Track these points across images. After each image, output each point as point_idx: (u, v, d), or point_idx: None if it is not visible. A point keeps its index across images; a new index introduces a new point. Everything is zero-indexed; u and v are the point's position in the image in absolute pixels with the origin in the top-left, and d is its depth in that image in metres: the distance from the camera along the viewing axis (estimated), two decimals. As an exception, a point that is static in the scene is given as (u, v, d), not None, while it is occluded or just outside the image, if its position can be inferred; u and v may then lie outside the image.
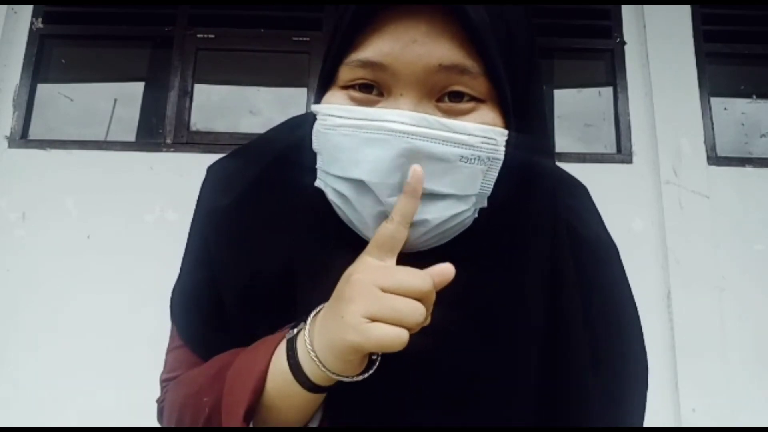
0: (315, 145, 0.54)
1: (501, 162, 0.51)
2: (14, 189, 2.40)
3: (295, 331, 0.53)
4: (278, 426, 0.54)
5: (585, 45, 2.69)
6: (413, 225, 0.49)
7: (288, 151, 0.61)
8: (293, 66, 2.64)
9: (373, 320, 0.46)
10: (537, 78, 0.56)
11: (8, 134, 2.48)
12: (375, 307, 0.46)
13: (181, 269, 0.69)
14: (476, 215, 0.53)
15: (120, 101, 2.64)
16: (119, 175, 2.41)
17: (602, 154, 2.55)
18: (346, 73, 0.52)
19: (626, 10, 2.66)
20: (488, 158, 0.50)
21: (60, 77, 2.68)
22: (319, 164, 0.55)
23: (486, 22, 0.49)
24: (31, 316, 2.27)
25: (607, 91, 2.66)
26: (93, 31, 2.67)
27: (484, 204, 0.53)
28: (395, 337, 0.46)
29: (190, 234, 0.68)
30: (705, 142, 2.47)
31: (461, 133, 0.49)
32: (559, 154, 2.53)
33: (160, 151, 2.48)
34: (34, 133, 2.54)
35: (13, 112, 2.51)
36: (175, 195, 2.40)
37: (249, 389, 0.52)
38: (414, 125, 0.48)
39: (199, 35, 2.63)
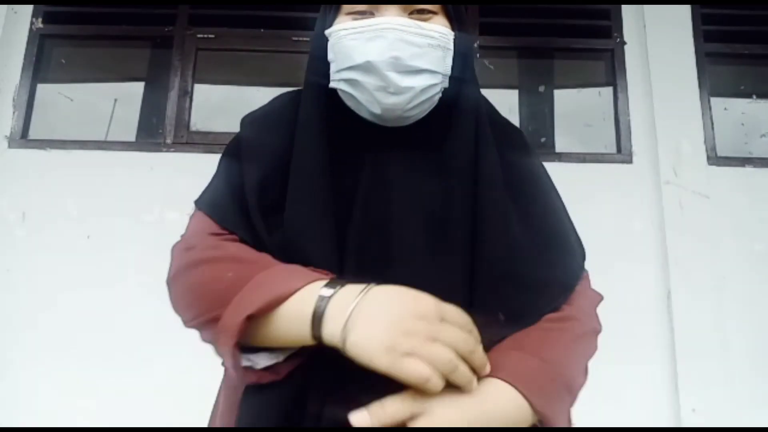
0: (330, 56, 0.76)
1: (452, 52, 0.76)
2: (14, 189, 2.40)
3: (332, 292, 0.62)
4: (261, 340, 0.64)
5: (585, 45, 2.69)
6: (404, 92, 0.72)
7: (294, 95, 0.85)
8: (293, 66, 2.64)
9: (411, 355, 0.58)
10: (463, 5, 0.81)
11: (8, 134, 2.48)
12: (422, 350, 0.58)
13: (216, 176, 0.85)
14: (441, 94, 0.77)
15: (120, 101, 2.64)
16: (119, 175, 2.41)
17: (602, 154, 2.55)
18: (349, 6, 0.76)
19: (626, 10, 2.66)
20: (445, 47, 0.75)
21: (60, 77, 2.68)
22: (333, 70, 0.76)
23: None
24: (31, 316, 2.27)
25: (607, 91, 2.66)
26: (93, 31, 2.67)
27: (446, 84, 0.77)
28: (422, 375, 0.57)
29: (223, 154, 0.86)
30: (705, 142, 2.47)
31: (427, 29, 0.74)
32: (559, 154, 2.53)
33: (160, 151, 2.48)
34: (34, 133, 2.54)
35: (13, 112, 2.51)
36: (175, 195, 2.40)
37: (264, 300, 0.62)
38: (399, 24, 0.72)
39: (199, 35, 2.63)
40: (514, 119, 2.65)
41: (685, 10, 2.61)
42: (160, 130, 2.55)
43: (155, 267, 2.56)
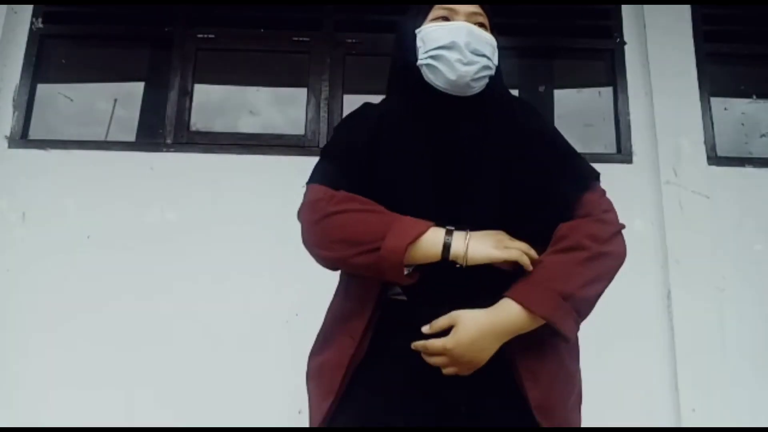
0: (419, 44, 1.10)
1: (496, 51, 1.12)
2: (14, 189, 2.40)
3: (452, 231, 0.97)
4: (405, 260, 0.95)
5: (585, 45, 2.69)
6: (473, 64, 1.06)
7: (385, 100, 1.20)
8: (293, 66, 2.64)
9: (509, 248, 0.97)
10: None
11: (8, 134, 2.48)
12: (510, 243, 0.98)
13: (318, 162, 1.13)
14: (488, 80, 1.10)
15: (120, 101, 2.64)
16: (119, 175, 2.41)
17: (602, 154, 2.55)
18: (433, 13, 1.12)
19: (626, 10, 2.66)
20: (494, 47, 1.11)
21: (60, 77, 2.68)
22: (421, 52, 1.09)
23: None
24: (31, 316, 2.27)
25: (607, 91, 2.66)
26: (93, 31, 2.67)
27: (493, 72, 1.11)
28: (518, 256, 0.96)
29: (341, 124, 1.19)
30: (705, 142, 2.47)
31: (486, 33, 1.11)
32: (559, 154, 2.53)
33: (160, 151, 2.48)
34: (34, 133, 2.54)
35: (13, 112, 2.51)
36: (175, 195, 2.40)
37: (414, 235, 0.95)
38: (470, 25, 1.09)
39: (199, 35, 2.63)
40: (514, 119, 2.66)
41: (685, 10, 2.61)
42: (160, 130, 2.55)
43: (156, 266, 2.56)
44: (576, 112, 2.68)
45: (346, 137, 1.12)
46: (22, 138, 2.50)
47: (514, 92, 2.72)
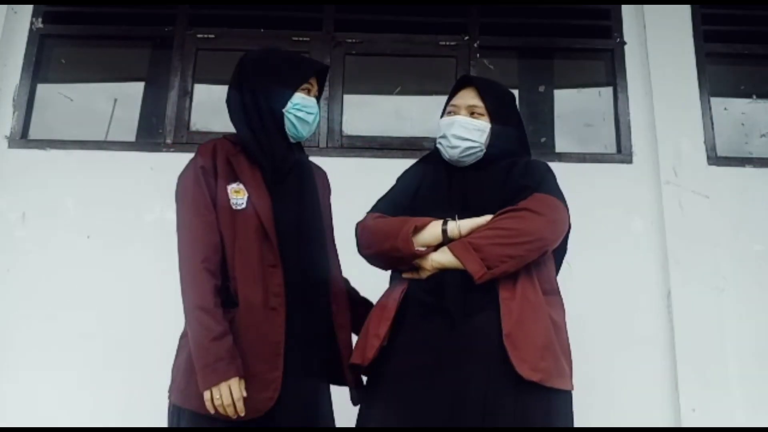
0: (438, 132, 1.56)
1: (485, 133, 1.52)
2: (14, 189, 2.40)
3: (449, 220, 1.42)
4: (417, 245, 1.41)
5: (585, 45, 2.69)
6: (456, 147, 1.51)
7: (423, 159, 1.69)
8: (293, 66, 2.64)
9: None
10: (515, 111, 1.62)
11: (8, 134, 2.49)
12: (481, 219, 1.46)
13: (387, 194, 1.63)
14: (481, 155, 1.52)
15: (120, 101, 2.64)
16: (119, 175, 2.41)
17: (602, 154, 2.55)
18: (448, 108, 1.58)
19: (626, 10, 2.66)
20: (483, 131, 1.52)
21: (60, 77, 2.68)
22: (438, 138, 1.56)
23: (486, 90, 1.57)
24: (31, 316, 2.27)
25: (607, 91, 2.66)
26: (93, 31, 2.67)
27: (484, 150, 1.52)
28: (486, 220, 1.44)
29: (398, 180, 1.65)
30: (705, 142, 2.47)
31: (474, 123, 1.52)
32: (559, 154, 2.53)
33: (160, 151, 2.48)
34: (34, 133, 2.55)
35: (13, 112, 2.52)
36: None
37: (413, 225, 1.40)
38: (462, 118, 1.53)
39: (199, 35, 2.63)
40: (514, 119, 2.66)
41: (685, 10, 2.61)
42: (160, 130, 2.55)
43: (155, 266, 2.56)
44: (576, 112, 2.68)
45: (400, 182, 1.63)
46: (22, 138, 2.50)
47: (514, 92, 2.73)
